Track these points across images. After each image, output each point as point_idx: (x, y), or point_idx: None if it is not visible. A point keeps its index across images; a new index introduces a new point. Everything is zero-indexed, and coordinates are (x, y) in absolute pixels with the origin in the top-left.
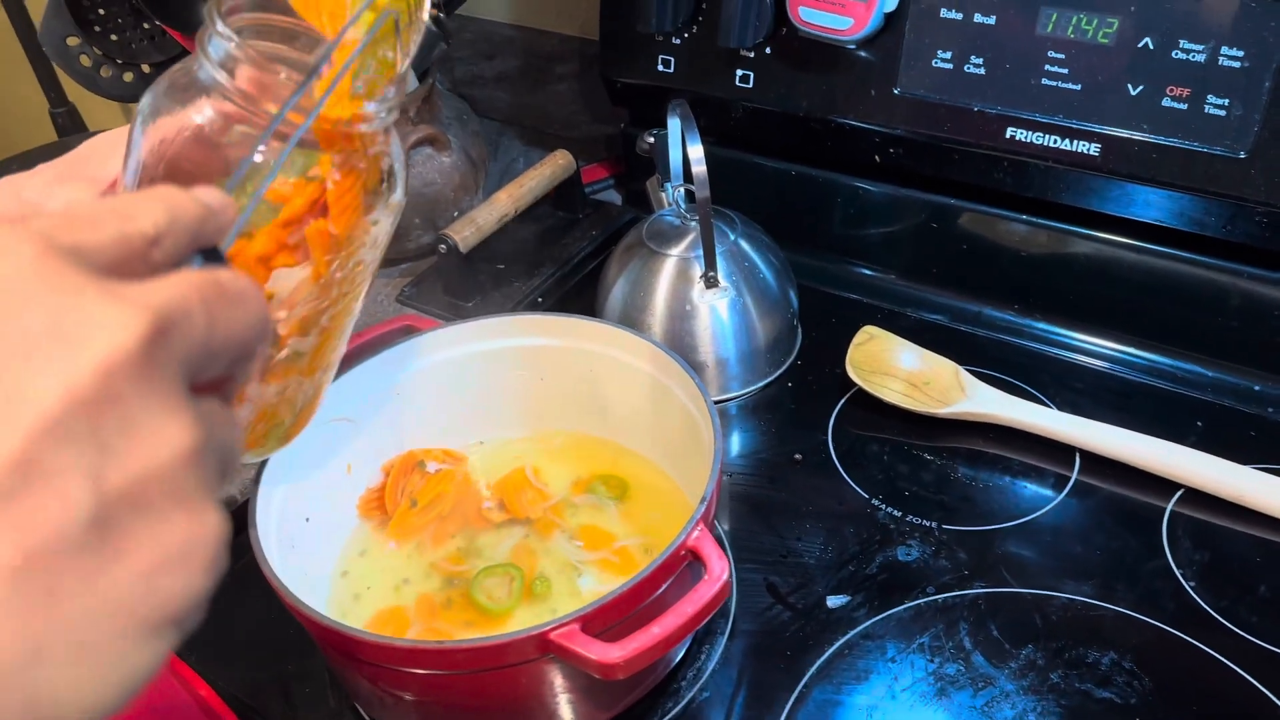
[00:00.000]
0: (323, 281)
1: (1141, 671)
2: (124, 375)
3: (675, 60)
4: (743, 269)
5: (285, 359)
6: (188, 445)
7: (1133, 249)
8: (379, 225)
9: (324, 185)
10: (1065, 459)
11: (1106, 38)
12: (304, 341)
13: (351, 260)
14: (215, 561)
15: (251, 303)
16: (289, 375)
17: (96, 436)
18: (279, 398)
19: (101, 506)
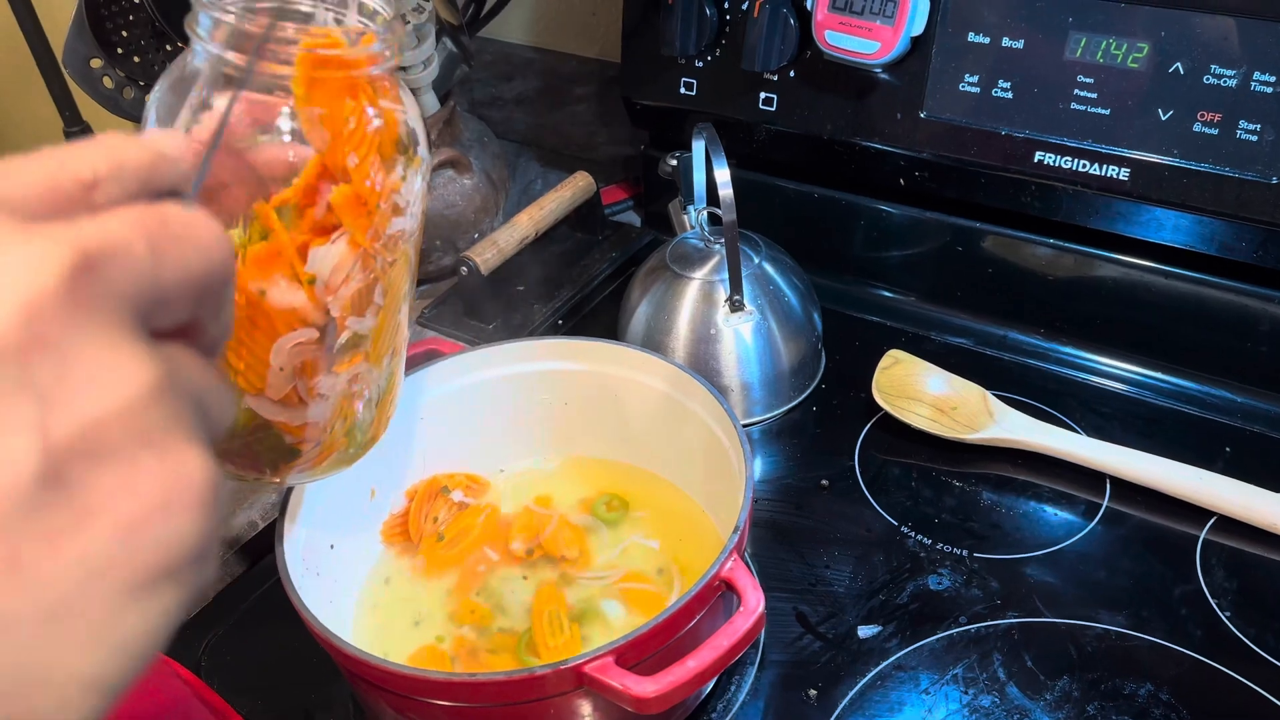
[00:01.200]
0: (362, 251)
1: (1179, 703)
2: (51, 316)
3: (698, 83)
4: (767, 292)
5: (347, 343)
6: (145, 383)
7: (1161, 273)
8: (407, 184)
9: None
10: (1096, 486)
11: (1136, 63)
12: (361, 322)
13: (388, 225)
14: (205, 504)
15: (204, 236)
16: (355, 362)
17: (31, 386)
18: (351, 389)
19: (51, 461)
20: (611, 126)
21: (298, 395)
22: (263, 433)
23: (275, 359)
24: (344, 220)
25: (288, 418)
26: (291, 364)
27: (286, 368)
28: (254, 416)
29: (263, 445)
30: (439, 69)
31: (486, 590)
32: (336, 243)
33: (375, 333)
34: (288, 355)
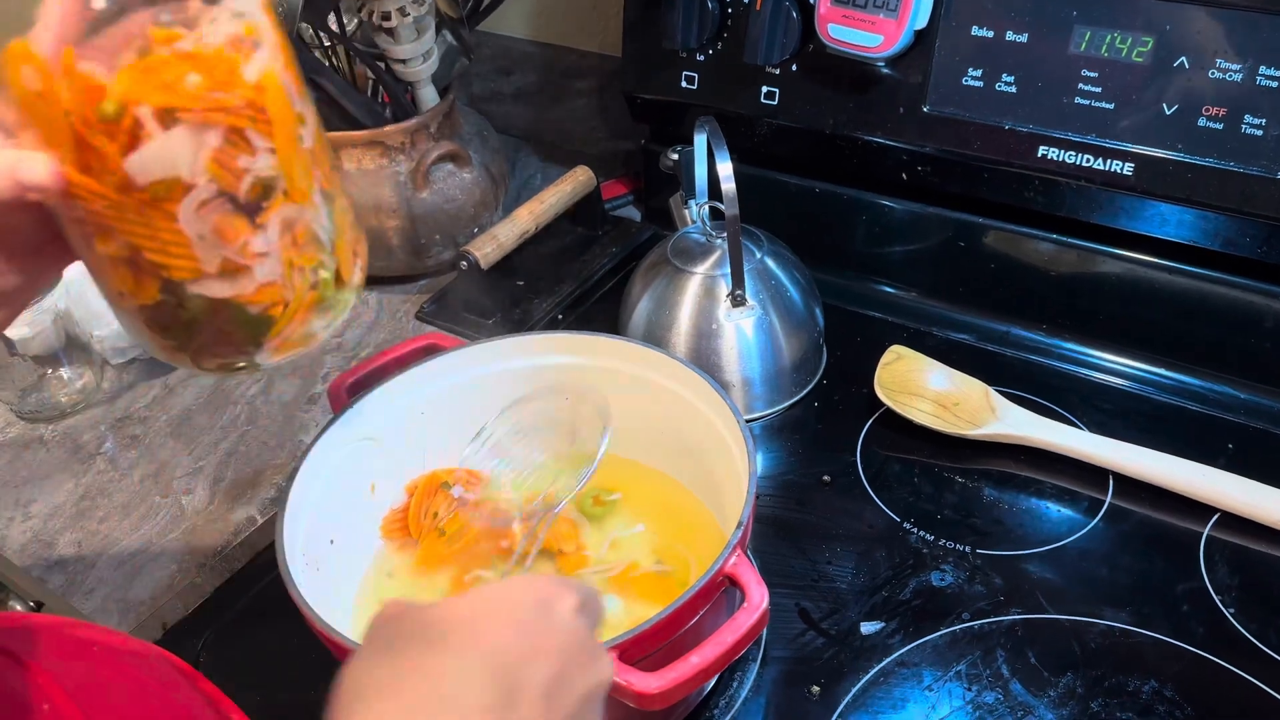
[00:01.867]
0: (192, 118)
1: (1183, 700)
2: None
3: (699, 77)
4: (769, 287)
5: (253, 190)
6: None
7: (1165, 269)
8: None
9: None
10: (1098, 482)
11: (1141, 56)
12: (255, 163)
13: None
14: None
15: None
16: (277, 207)
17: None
18: (290, 235)
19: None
20: (611, 121)
21: (235, 262)
22: (225, 311)
23: (188, 227)
24: (143, 100)
25: (239, 288)
26: (206, 227)
27: (206, 234)
28: (208, 301)
29: (232, 325)
30: (438, 62)
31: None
32: (148, 144)
33: (283, 170)
34: (196, 219)
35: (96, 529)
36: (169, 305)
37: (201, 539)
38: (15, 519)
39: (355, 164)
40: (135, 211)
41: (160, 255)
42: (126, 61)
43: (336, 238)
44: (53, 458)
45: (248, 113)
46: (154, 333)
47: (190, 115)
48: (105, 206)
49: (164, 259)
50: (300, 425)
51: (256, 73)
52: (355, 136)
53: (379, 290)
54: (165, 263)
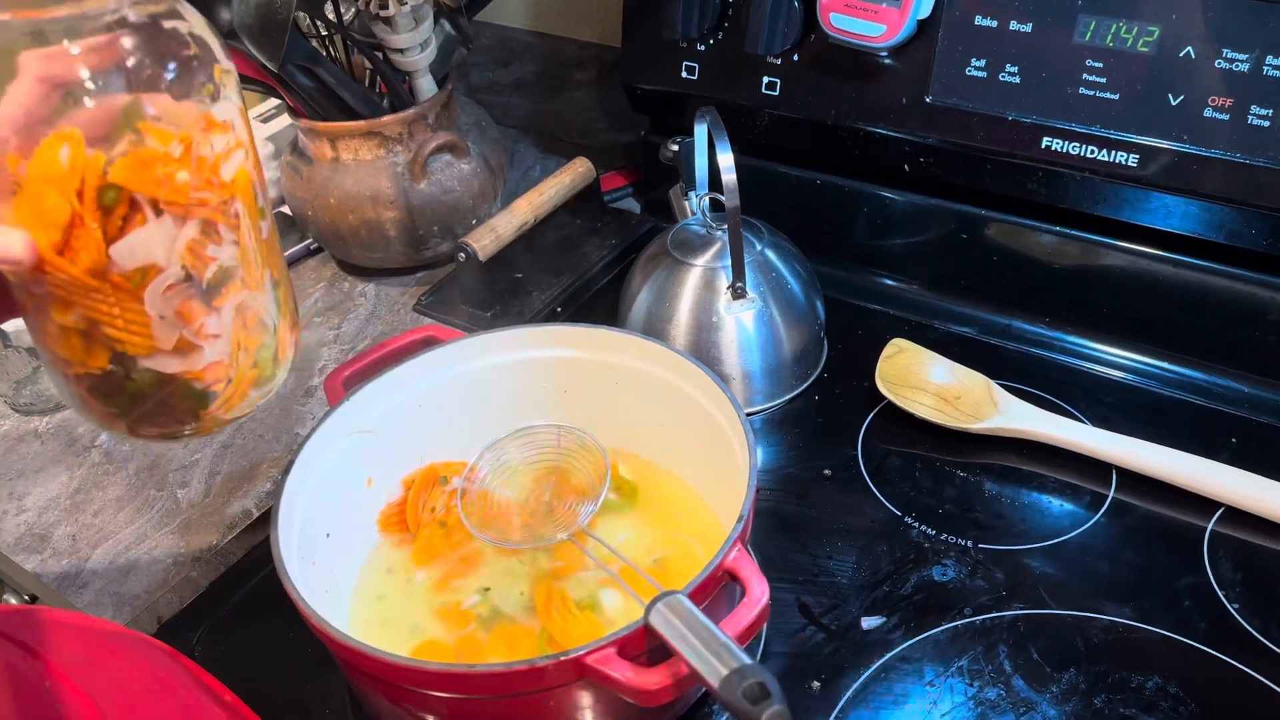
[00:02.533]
0: (176, 211)
1: (1187, 696)
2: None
3: (699, 67)
4: (770, 280)
5: (216, 278)
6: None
7: (1169, 261)
8: (219, 105)
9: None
10: (1101, 476)
11: (1146, 46)
12: (220, 251)
13: (201, 167)
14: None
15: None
16: (234, 292)
17: None
18: (241, 318)
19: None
20: (611, 112)
21: (189, 341)
22: (171, 385)
23: (152, 309)
24: (139, 191)
25: (188, 365)
26: (170, 310)
27: (167, 315)
28: (157, 375)
29: (175, 398)
30: (436, 52)
31: (485, 578)
32: (135, 231)
33: (242, 260)
34: (162, 302)
35: (91, 522)
36: (117, 376)
37: (197, 533)
38: (9, 512)
39: (352, 155)
40: (103, 291)
41: (118, 332)
42: (121, 152)
43: (279, 321)
44: (47, 450)
45: (222, 208)
46: (94, 399)
47: (176, 209)
48: (73, 285)
49: (122, 335)
50: (296, 418)
51: (233, 173)
52: (352, 127)
53: (376, 282)
54: (122, 339)
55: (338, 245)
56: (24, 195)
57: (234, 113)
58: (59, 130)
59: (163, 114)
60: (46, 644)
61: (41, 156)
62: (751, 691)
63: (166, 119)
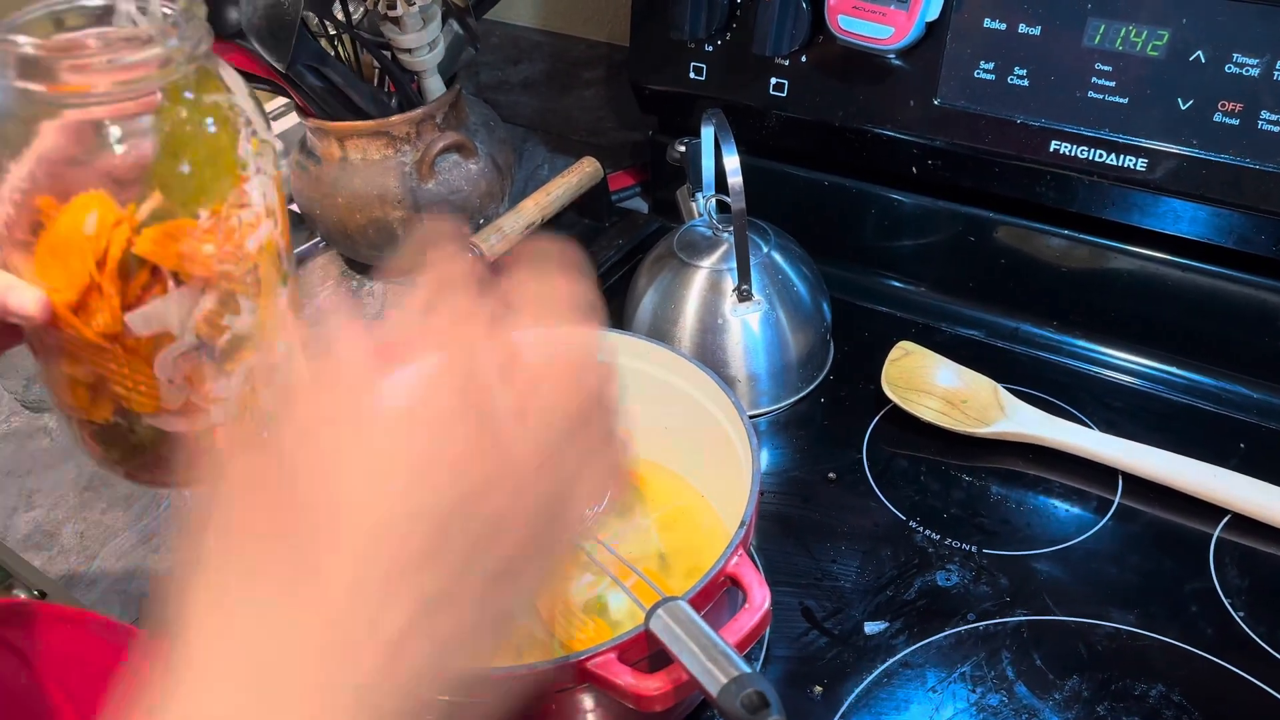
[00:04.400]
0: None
1: (1191, 705)
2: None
3: (707, 67)
4: (776, 282)
5: (229, 346)
6: None
7: (1177, 266)
8: (252, 181)
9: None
10: (1108, 482)
11: (1156, 50)
12: (238, 321)
13: (228, 241)
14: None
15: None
16: (244, 359)
17: None
18: (248, 384)
19: None
20: (619, 112)
21: (196, 404)
22: (171, 443)
23: (161, 373)
24: (163, 264)
25: (193, 425)
26: (179, 375)
27: (175, 379)
28: (159, 432)
29: (174, 454)
30: (445, 52)
31: None
32: (153, 301)
33: (260, 327)
34: (172, 368)
35: (99, 519)
36: (120, 429)
37: None
38: (18, 508)
39: (360, 154)
40: (114, 353)
41: (126, 391)
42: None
43: (286, 379)
44: (56, 447)
45: (244, 279)
46: (96, 444)
47: (196, 281)
48: (84, 343)
49: (129, 394)
50: None
51: (259, 244)
52: (360, 126)
53: (384, 281)
54: (129, 398)
55: (345, 244)
56: (45, 249)
57: (267, 184)
58: (90, 191)
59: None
60: (31, 639)
61: (70, 215)
62: (750, 700)
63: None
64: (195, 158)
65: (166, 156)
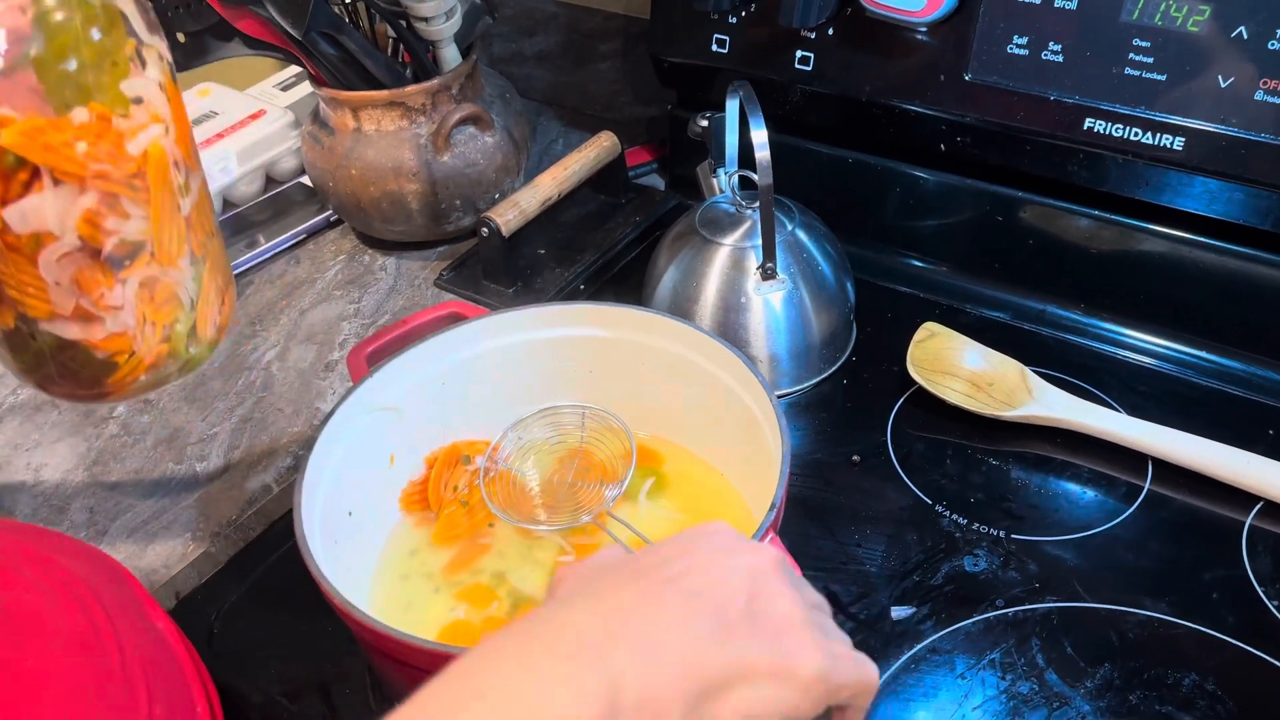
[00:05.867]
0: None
1: (1225, 694)
2: None
3: (730, 40)
4: (800, 260)
5: (120, 250)
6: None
7: (1210, 248)
8: (132, 80)
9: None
10: (1137, 467)
11: (1197, 26)
12: (126, 225)
13: (111, 114)
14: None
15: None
16: (140, 266)
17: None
18: (148, 294)
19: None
20: (635, 85)
21: (88, 310)
22: (72, 351)
23: (46, 274)
24: (30, 158)
25: (88, 333)
26: (65, 276)
27: (63, 282)
28: (58, 339)
29: (76, 364)
30: (461, 21)
31: (507, 559)
32: (29, 197)
33: (153, 235)
34: (57, 268)
35: (109, 494)
36: (22, 334)
37: (216, 507)
38: (26, 483)
39: (375, 125)
40: (3, 252)
41: (17, 293)
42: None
43: (198, 297)
44: (64, 421)
45: (127, 182)
46: (6, 351)
47: (71, 179)
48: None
49: (20, 296)
50: (317, 393)
51: (142, 148)
52: (375, 97)
53: (397, 256)
54: (21, 300)
55: (358, 217)
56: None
57: (150, 88)
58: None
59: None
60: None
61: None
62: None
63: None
64: (75, 59)
65: (47, 58)
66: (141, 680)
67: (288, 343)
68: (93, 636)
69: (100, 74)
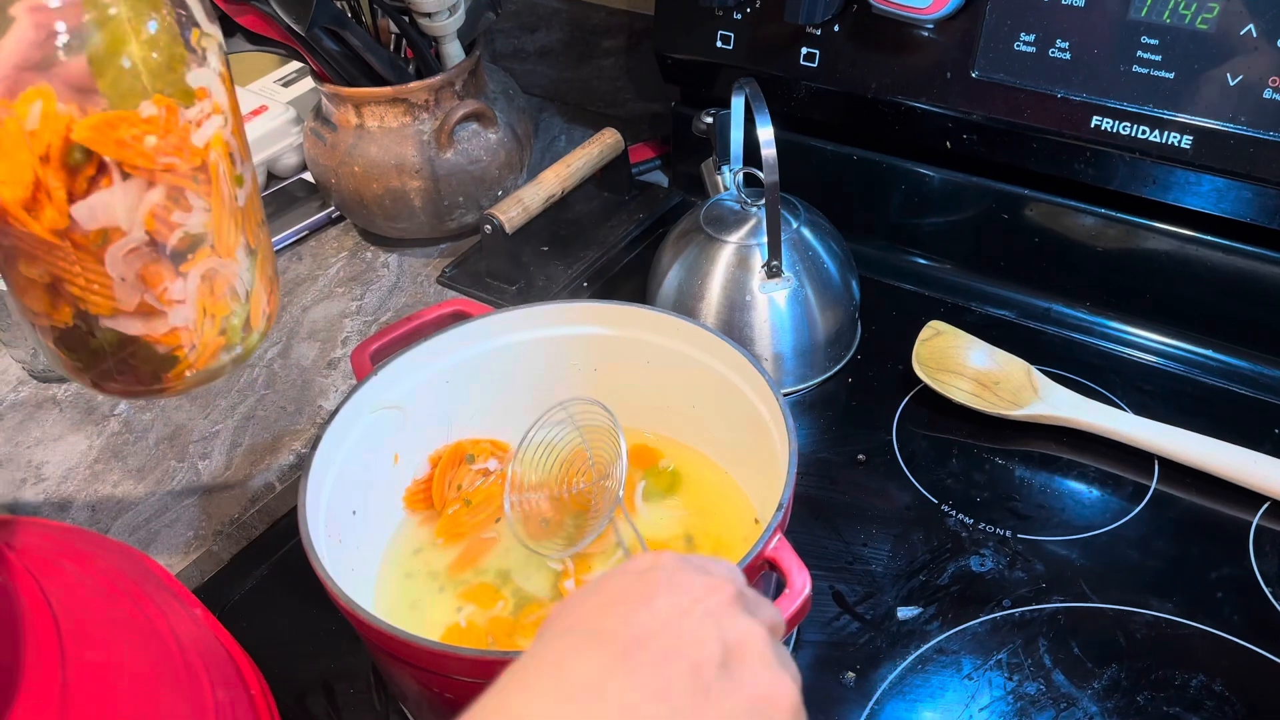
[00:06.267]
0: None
1: (1232, 695)
2: None
3: (735, 36)
4: (805, 258)
5: (182, 245)
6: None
7: (1216, 246)
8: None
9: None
10: (1144, 467)
11: (1205, 24)
12: (189, 219)
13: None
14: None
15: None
16: (200, 260)
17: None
18: (208, 287)
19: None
20: (639, 82)
21: (151, 305)
22: (133, 347)
23: (113, 270)
24: (102, 153)
25: (150, 328)
26: (131, 272)
27: (128, 277)
28: (119, 335)
29: (138, 359)
30: (464, 17)
31: (510, 558)
32: (97, 193)
33: (214, 227)
34: (123, 264)
35: (111, 493)
36: (80, 331)
37: (218, 505)
38: (28, 480)
39: (378, 121)
40: (64, 250)
41: (81, 290)
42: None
43: (252, 289)
44: (66, 418)
45: (192, 175)
46: (60, 350)
47: (140, 173)
48: (36, 240)
49: (84, 294)
50: (320, 391)
51: (206, 139)
52: (378, 93)
53: (399, 253)
54: (84, 297)
55: (361, 214)
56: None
57: (212, 79)
58: (38, 84)
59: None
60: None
61: (19, 108)
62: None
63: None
64: (137, 53)
65: (109, 52)
66: (200, 666)
67: (290, 340)
68: (148, 627)
69: (167, 66)
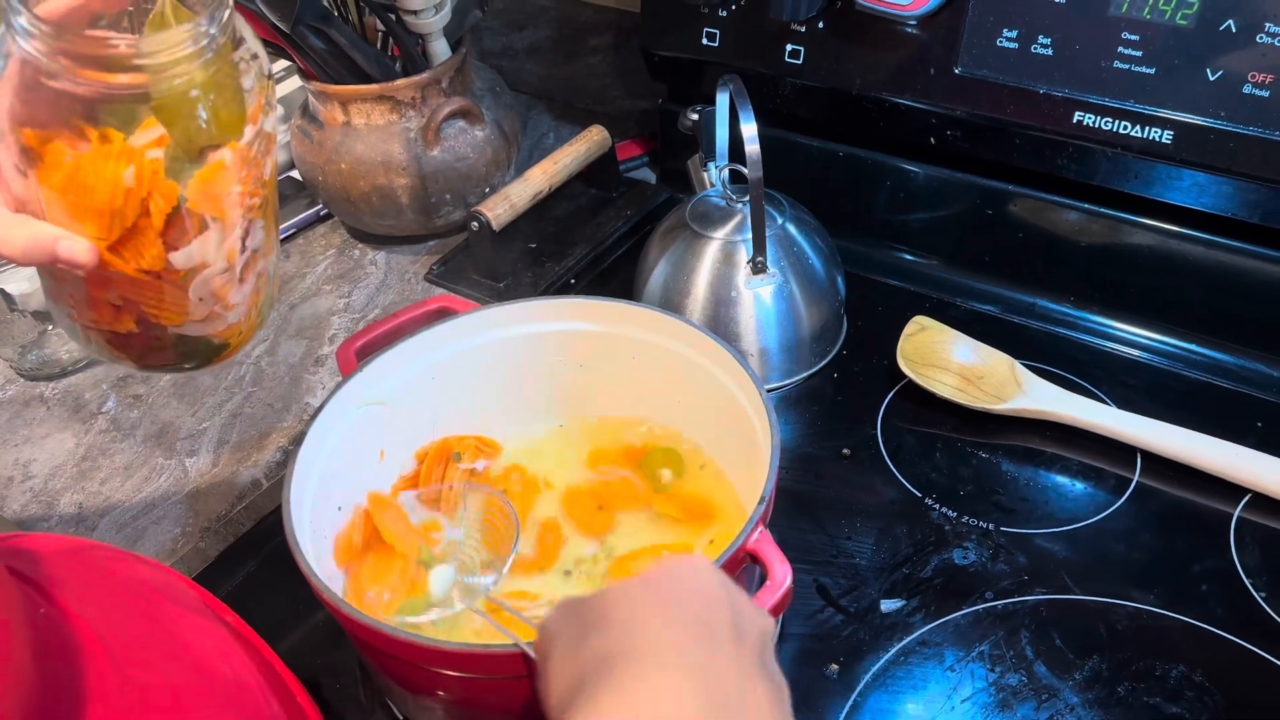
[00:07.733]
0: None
1: (1212, 685)
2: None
3: (720, 33)
4: (790, 254)
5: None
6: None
7: (1199, 241)
8: (269, 118)
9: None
10: (1126, 460)
11: (1185, 19)
12: (255, 237)
13: (249, 163)
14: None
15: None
16: (255, 265)
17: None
18: (256, 286)
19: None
20: (626, 79)
21: (218, 312)
22: (190, 343)
23: (194, 294)
24: (206, 212)
25: (211, 329)
26: (208, 292)
27: (205, 297)
28: (180, 335)
29: (194, 351)
30: (451, 14)
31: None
32: (195, 241)
33: (267, 238)
34: (204, 288)
35: (98, 490)
36: (139, 335)
37: (205, 502)
38: (15, 479)
39: (364, 119)
40: (150, 282)
41: (156, 309)
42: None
43: (275, 274)
44: (53, 416)
45: (262, 206)
46: (111, 348)
47: (231, 219)
48: (123, 278)
49: (158, 312)
50: (307, 387)
51: (270, 171)
52: (365, 90)
53: (387, 250)
54: (159, 315)
55: (348, 212)
56: (76, 196)
57: (273, 120)
58: (128, 150)
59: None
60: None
61: (101, 164)
62: None
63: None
64: (215, 103)
65: (188, 104)
66: (249, 674)
67: (277, 337)
68: (192, 646)
69: (236, 115)
